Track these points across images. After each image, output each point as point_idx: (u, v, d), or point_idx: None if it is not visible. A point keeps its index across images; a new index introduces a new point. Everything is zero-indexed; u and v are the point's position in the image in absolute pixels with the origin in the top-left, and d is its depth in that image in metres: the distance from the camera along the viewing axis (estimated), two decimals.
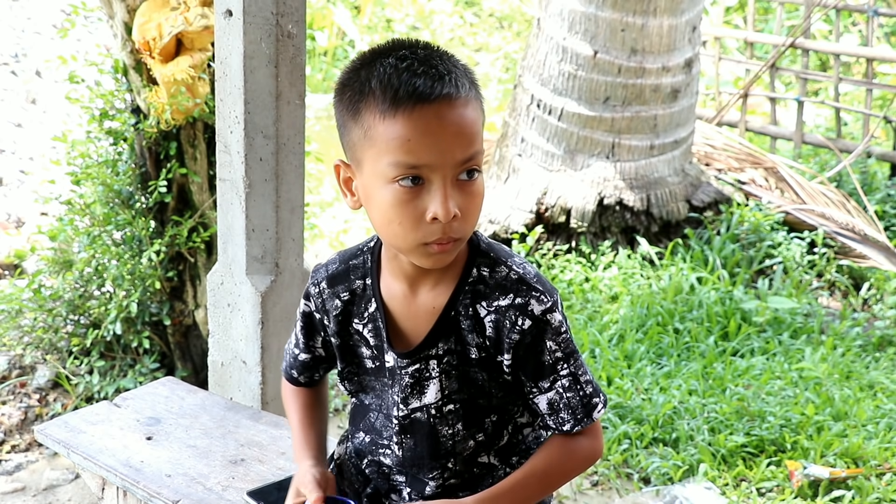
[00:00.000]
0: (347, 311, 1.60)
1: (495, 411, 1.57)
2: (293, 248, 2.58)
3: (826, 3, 6.75)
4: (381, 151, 1.40)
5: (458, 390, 1.55)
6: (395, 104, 1.38)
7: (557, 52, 5.37)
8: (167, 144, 3.58)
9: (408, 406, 1.56)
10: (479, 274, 1.52)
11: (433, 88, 1.38)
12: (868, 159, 6.47)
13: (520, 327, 1.49)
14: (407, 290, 1.55)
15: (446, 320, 1.53)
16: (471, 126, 1.42)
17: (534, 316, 1.48)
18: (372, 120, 1.41)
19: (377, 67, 1.41)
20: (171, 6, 3.28)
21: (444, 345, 1.53)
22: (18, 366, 3.97)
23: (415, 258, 1.47)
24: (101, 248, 3.73)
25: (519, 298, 1.49)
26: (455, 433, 1.56)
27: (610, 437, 3.65)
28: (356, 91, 1.43)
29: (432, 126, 1.38)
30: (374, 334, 1.59)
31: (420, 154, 1.38)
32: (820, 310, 4.79)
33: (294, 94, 2.48)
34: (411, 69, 1.39)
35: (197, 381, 3.71)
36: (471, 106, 1.42)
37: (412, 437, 1.58)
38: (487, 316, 1.51)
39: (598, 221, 5.33)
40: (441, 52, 1.45)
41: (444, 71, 1.41)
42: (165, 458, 2.11)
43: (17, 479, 3.46)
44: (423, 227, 1.42)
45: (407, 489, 1.62)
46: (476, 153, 1.43)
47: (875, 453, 3.55)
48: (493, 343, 1.51)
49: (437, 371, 1.54)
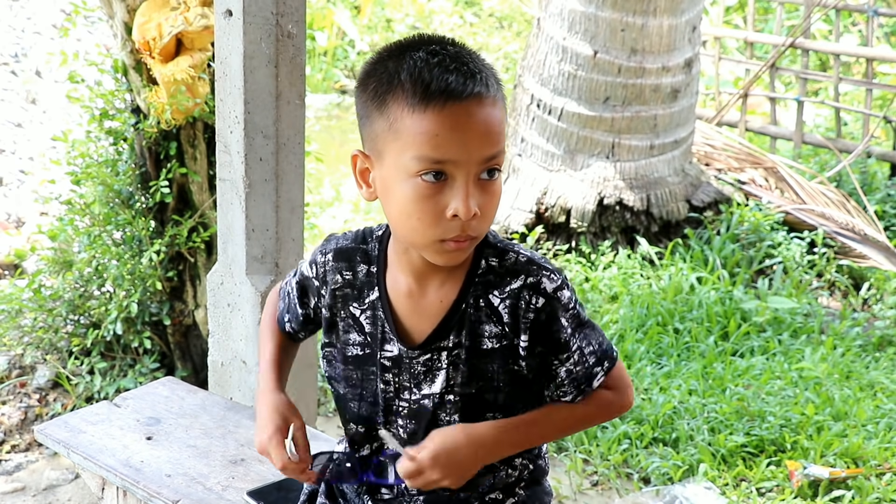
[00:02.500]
0: (345, 293, 1.60)
1: (500, 409, 1.57)
2: (293, 248, 2.58)
3: (826, 3, 6.75)
4: (406, 144, 1.41)
5: (462, 384, 1.55)
6: (425, 98, 1.39)
7: (557, 52, 5.37)
8: (167, 144, 3.58)
9: (420, 391, 1.57)
10: (488, 265, 1.54)
11: (465, 85, 1.39)
12: (868, 159, 6.47)
13: (534, 306, 1.51)
14: (413, 285, 1.56)
15: (456, 313, 1.54)
16: (498, 125, 1.43)
17: (546, 293, 1.51)
18: (399, 112, 1.41)
19: (407, 60, 1.41)
20: (171, 6, 3.28)
21: (454, 338, 1.54)
22: (18, 366, 3.97)
23: (429, 254, 1.48)
24: (101, 248, 3.73)
25: (531, 278, 1.51)
26: (451, 422, 1.56)
27: (610, 437, 3.65)
28: (383, 82, 1.43)
29: (461, 123, 1.39)
30: (371, 323, 1.58)
31: (447, 150, 1.39)
32: (820, 310, 4.79)
33: (294, 94, 2.48)
34: (443, 65, 1.40)
35: (197, 381, 3.71)
36: (498, 106, 1.44)
37: (416, 423, 1.58)
38: (501, 303, 1.52)
39: (597, 221, 5.33)
40: (470, 49, 1.46)
41: (476, 69, 1.42)
42: (165, 457, 2.11)
43: (17, 479, 3.46)
44: (441, 224, 1.43)
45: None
46: (499, 152, 1.44)
47: (875, 453, 3.55)
48: (510, 327, 1.53)
49: (446, 363, 1.55)
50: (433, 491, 1.59)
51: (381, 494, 1.65)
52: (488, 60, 1.48)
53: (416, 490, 1.60)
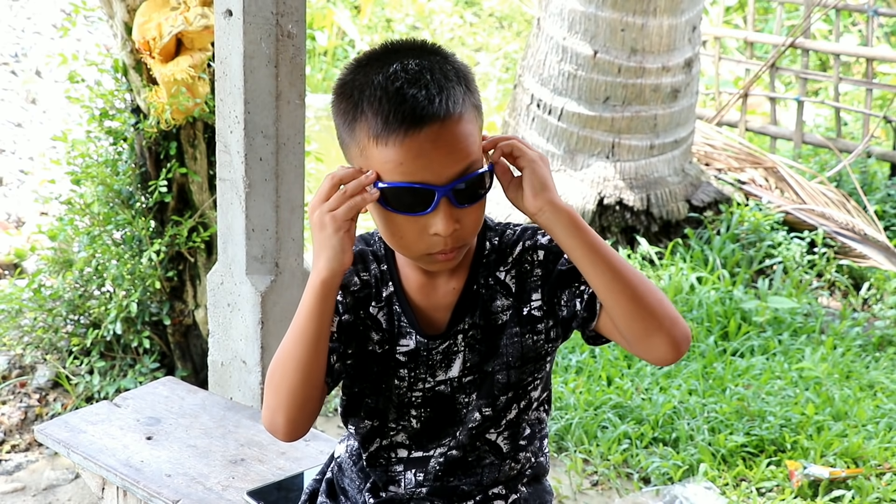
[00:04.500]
0: (364, 293, 1.59)
1: (512, 388, 1.58)
2: (293, 247, 2.58)
3: (826, 3, 6.75)
4: (376, 170, 1.41)
5: (479, 362, 1.57)
6: (386, 130, 1.38)
7: (557, 52, 5.37)
8: (167, 144, 3.58)
9: (435, 378, 1.58)
10: (492, 245, 1.58)
11: (424, 111, 1.37)
12: (868, 159, 6.47)
13: (538, 260, 1.55)
14: (423, 278, 1.57)
15: (469, 296, 1.56)
16: (464, 141, 1.41)
17: (544, 246, 1.55)
18: (365, 141, 1.41)
19: (368, 85, 1.40)
20: (171, 6, 3.28)
21: (469, 319, 1.56)
22: (18, 366, 3.97)
23: (422, 264, 1.52)
24: (101, 247, 3.73)
25: (528, 241, 1.56)
26: (469, 402, 1.58)
27: (610, 437, 3.65)
28: (350, 106, 1.43)
29: (425, 149, 1.39)
30: (387, 318, 1.58)
31: (415, 174, 1.40)
32: (820, 310, 4.79)
33: (294, 94, 2.48)
34: (400, 92, 1.38)
35: (197, 381, 3.71)
36: (464, 120, 1.42)
37: (432, 410, 1.59)
38: (507, 275, 1.56)
39: (598, 221, 5.33)
40: (434, 60, 1.43)
41: (436, 90, 1.39)
42: (165, 457, 2.11)
43: (17, 478, 3.46)
44: (425, 240, 1.44)
45: (410, 472, 1.62)
46: (472, 163, 1.43)
47: (875, 453, 3.55)
48: (518, 295, 1.56)
49: (463, 346, 1.57)
50: (437, 487, 1.60)
51: (382, 493, 1.65)
52: (459, 64, 1.44)
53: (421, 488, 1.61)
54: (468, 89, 1.44)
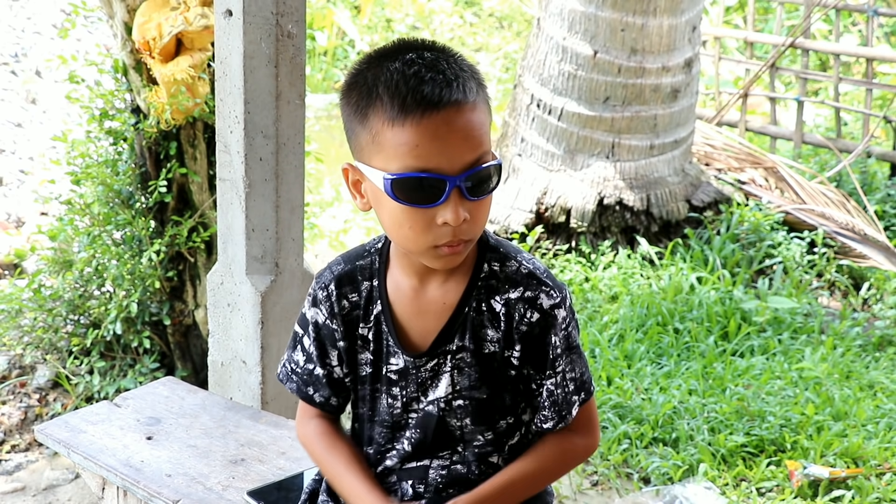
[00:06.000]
0: (355, 315, 1.59)
1: (510, 412, 1.58)
2: (293, 248, 2.58)
3: (826, 3, 6.75)
4: (389, 156, 1.41)
5: (471, 387, 1.56)
6: (403, 111, 1.39)
7: (557, 52, 5.37)
8: (167, 144, 3.58)
9: (427, 398, 1.57)
10: (491, 269, 1.55)
11: (441, 95, 1.39)
12: (868, 159, 6.47)
13: (528, 320, 1.52)
14: (417, 285, 1.56)
15: (459, 317, 1.54)
16: (478, 129, 1.43)
17: (542, 309, 1.52)
18: (380, 125, 1.41)
19: (384, 72, 1.42)
20: (171, 6, 3.28)
21: (458, 341, 1.55)
22: (18, 366, 3.97)
23: (426, 260, 1.49)
24: (101, 248, 3.73)
25: (529, 292, 1.52)
26: (464, 426, 1.58)
27: (610, 437, 3.65)
28: (363, 95, 1.44)
29: (441, 132, 1.39)
30: (375, 338, 1.58)
31: (428, 159, 1.40)
32: (820, 310, 4.79)
33: (294, 94, 2.48)
34: (419, 75, 1.40)
35: (197, 381, 3.71)
36: (478, 109, 1.43)
37: (422, 431, 1.59)
38: (501, 309, 1.54)
39: (597, 221, 5.33)
40: (448, 53, 1.46)
41: (452, 76, 1.41)
42: (165, 457, 2.11)
43: (17, 478, 3.46)
44: (433, 231, 1.44)
45: (407, 482, 1.61)
46: (484, 154, 1.44)
47: (875, 453, 3.55)
48: (506, 337, 1.54)
49: (450, 366, 1.55)
50: (437, 493, 1.59)
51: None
52: (469, 62, 1.48)
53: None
54: (480, 85, 1.46)
